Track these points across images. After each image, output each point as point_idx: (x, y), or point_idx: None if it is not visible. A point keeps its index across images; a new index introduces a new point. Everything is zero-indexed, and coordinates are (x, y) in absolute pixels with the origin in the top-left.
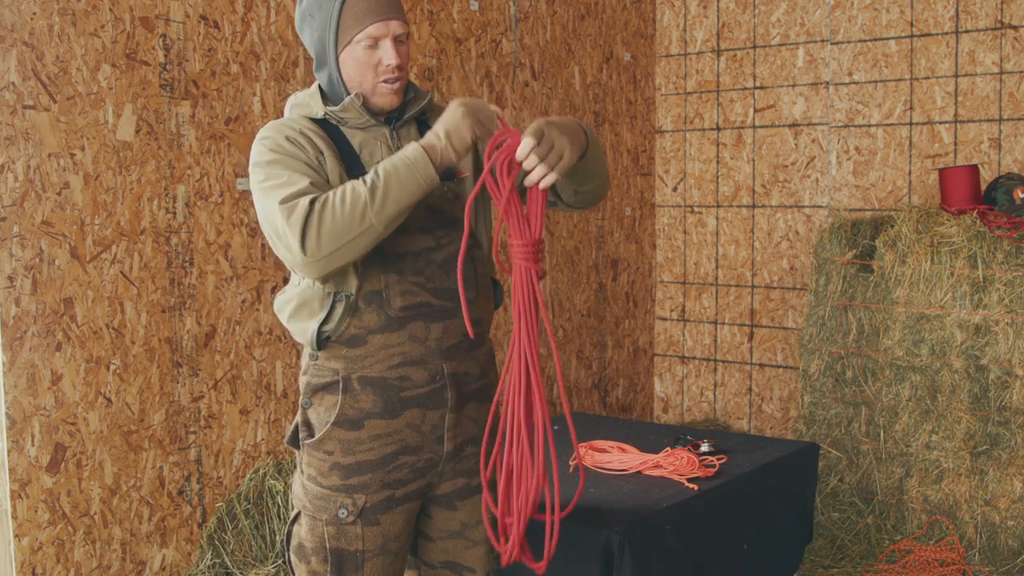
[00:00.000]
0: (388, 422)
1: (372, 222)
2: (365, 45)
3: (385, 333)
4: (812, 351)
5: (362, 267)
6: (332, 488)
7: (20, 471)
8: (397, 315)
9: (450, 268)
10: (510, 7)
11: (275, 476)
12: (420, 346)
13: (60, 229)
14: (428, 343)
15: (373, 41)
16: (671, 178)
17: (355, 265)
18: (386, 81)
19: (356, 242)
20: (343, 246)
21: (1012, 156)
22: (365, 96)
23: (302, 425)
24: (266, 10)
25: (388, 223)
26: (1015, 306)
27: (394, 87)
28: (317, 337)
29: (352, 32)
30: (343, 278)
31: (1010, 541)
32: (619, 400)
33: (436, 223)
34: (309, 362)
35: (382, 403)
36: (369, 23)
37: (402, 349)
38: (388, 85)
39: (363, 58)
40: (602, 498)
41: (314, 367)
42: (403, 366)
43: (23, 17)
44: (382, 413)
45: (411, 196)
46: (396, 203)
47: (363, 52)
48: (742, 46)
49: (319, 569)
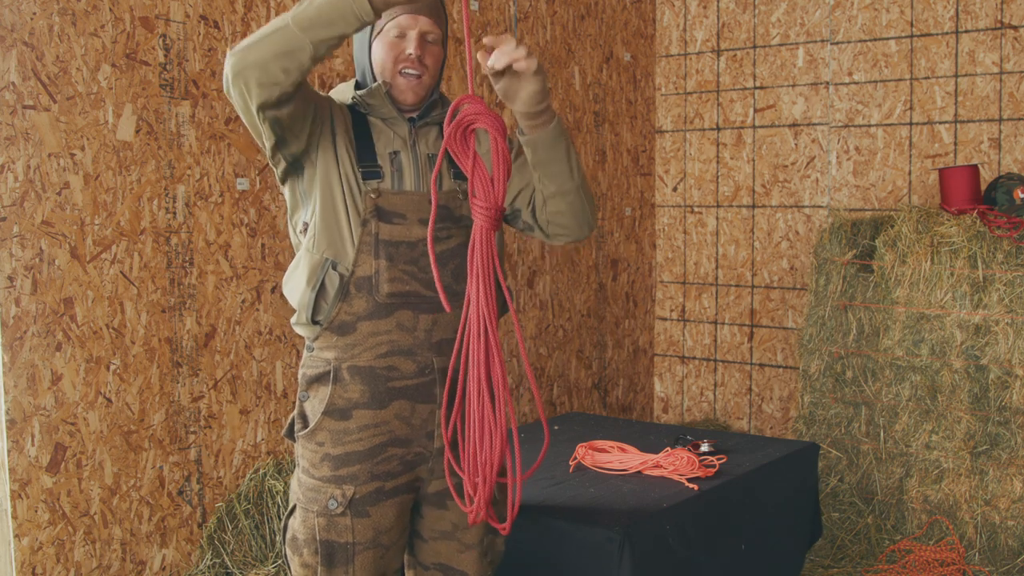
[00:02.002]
0: (376, 412)
1: (289, 21)
2: (394, 35)
3: (373, 320)
4: (812, 351)
5: (357, 252)
6: (323, 479)
7: (20, 471)
8: (384, 301)
9: (447, 262)
10: (510, 7)
11: (275, 476)
12: (408, 336)
13: (60, 229)
14: (416, 333)
15: (401, 32)
16: (671, 178)
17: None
18: (404, 73)
19: (270, 38)
20: (257, 40)
21: (1012, 156)
22: (389, 86)
23: (298, 417)
24: (266, 10)
25: (304, 25)
26: (1015, 306)
27: (411, 81)
28: (312, 311)
29: (385, 21)
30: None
31: (1010, 541)
32: (619, 400)
33: (439, 217)
34: (306, 354)
35: (370, 393)
36: (400, 13)
37: (390, 337)
38: (405, 78)
39: (389, 46)
40: (602, 498)
41: (310, 358)
42: (391, 355)
43: (23, 17)
44: (370, 403)
45: (337, 10)
46: (318, 10)
47: (390, 41)
48: (742, 46)
49: (311, 561)
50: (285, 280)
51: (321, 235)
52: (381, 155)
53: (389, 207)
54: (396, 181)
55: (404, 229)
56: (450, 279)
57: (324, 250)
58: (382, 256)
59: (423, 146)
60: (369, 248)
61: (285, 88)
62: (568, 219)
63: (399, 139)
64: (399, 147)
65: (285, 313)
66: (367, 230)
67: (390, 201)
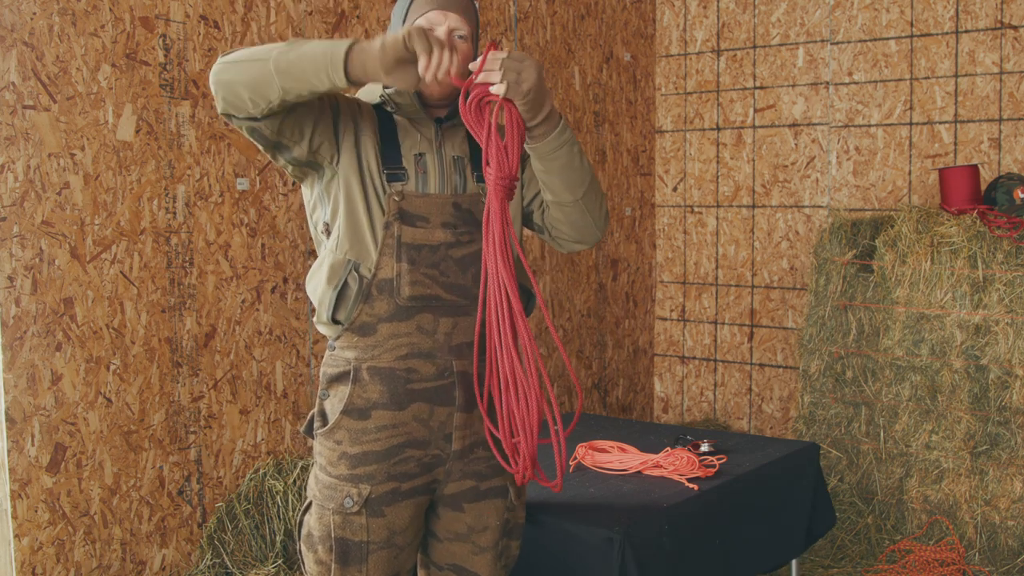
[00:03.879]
0: (395, 413)
1: (271, 56)
2: None
3: (394, 322)
4: (812, 351)
5: (379, 254)
6: (340, 477)
7: (20, 471)
8: (405, 304)
9: (467, 266)
10: (510, 7)
11: (275, 476)
12: (428, 339)
13: (60, 229)
14: (436, 337)
15: (430, 28)
16: (671, 178)
17: (374, 238)
18: None
19: (247, 65)
20: (239, 62)
21: (1012, 156)
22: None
23: (317, 415)
24: (266, 10)
25: (280, 68)
26: (1015, 306)
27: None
28: (332, 311)
29: (415, 16)
30: (361, 247)
31: (1010, 541)
32: (619, 400)
33: (461, 221)
34: (328, 353)
35: (388, 394)
36: (430, 9)
37: (410, 340)
38: None
39: None
40: (602, 498)
41: (331, 357)
42: (411, 358)
43: (23, 17)
44: (388, 404)
45: (313, 66)
46: (299, 59)
47: None
48: (742, 46)
49: (325, 558)
50: (308, 278)
51: (344, 237)
52: (406, 157)
53: (413, 210)
54: (420, 183)
55: (427, 232)
56: (471, 283)
57: (347, 251)
58: (404, 259)
59: (449, 148)
60: (391, 251)
61: (252, 114)
62: (566, 228)
63: (425, 140)
64: (425, 148)
65: (285, 313)
66: (389, 232)
67: (414, 204)
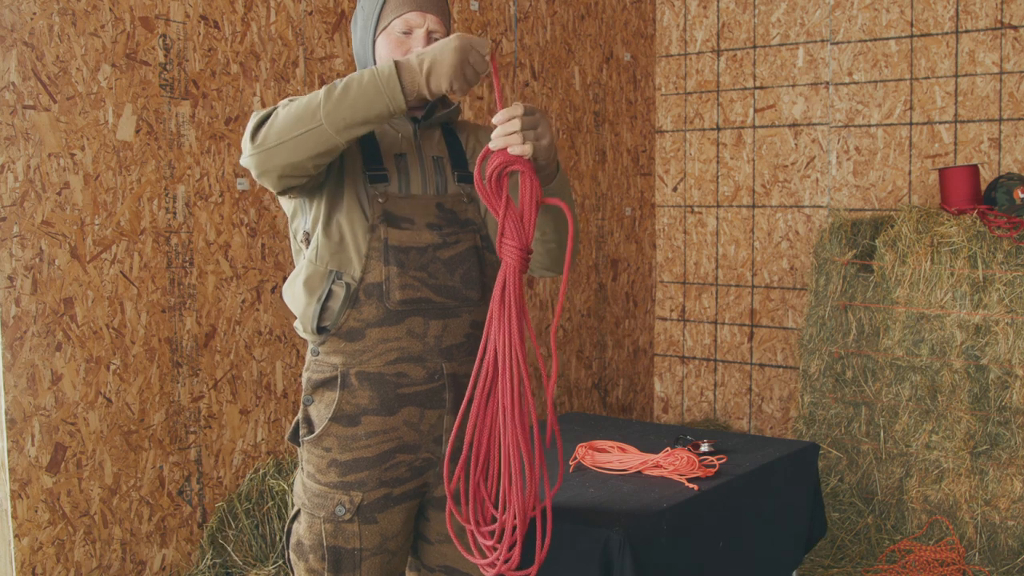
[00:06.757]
0: (385, 419)
1: (322, 121)
2: (399, 31)
3: (383, 327)
4: (812, 351)
5: (365, 259)
6: (330, 485)
7: (20, 471)
8: (395, 308)
9: (455, 267)
10: (510, 7)
11: (275, 476)
12: (418, 342)
13: (60, 229)
14: (427, 340)
15: (408, 29)
16: (671, 178)
17: (358, 250)
18: None
19: (302, 139)
20: (287, 140)
21: (1012, 156)
22: None
23: (303, 422)
24: (266, 10)
25: (339, 127)
26: (1015, 306)
27: None
28: (317, 322)
29: (390, 18)
30: (343, 255)
31: (1010, 541)
32: (619, 400)
33: (447, 222)
34: (311, 357)
35: (379, 399)
36: (407, 11)
37: (400, 344)
38: None
39: (395, 44)
40: (602, 498)
41: (315, 362)
42: (400, 362)
43: (23, 17)
44: (379, 409)
45: (369, 106)
46: (351, 108)
47: (396, 38)
48: (742, 46)
49: (317, 567)
50: (285, 288)
51: (324, 246)
52: (387, 157)
53: (397, 212)
54: (403, 185)
55: (413, 234)
56: (459, 284)
57: (328, 262)
58: (392, 262)
59: (428, 148)
60: (379, 254)
61: (312, 175)
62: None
63: (405, 141)
64: (405, 149)
65: (285, 313)
66: (376, 236)
67: (398, 205)
